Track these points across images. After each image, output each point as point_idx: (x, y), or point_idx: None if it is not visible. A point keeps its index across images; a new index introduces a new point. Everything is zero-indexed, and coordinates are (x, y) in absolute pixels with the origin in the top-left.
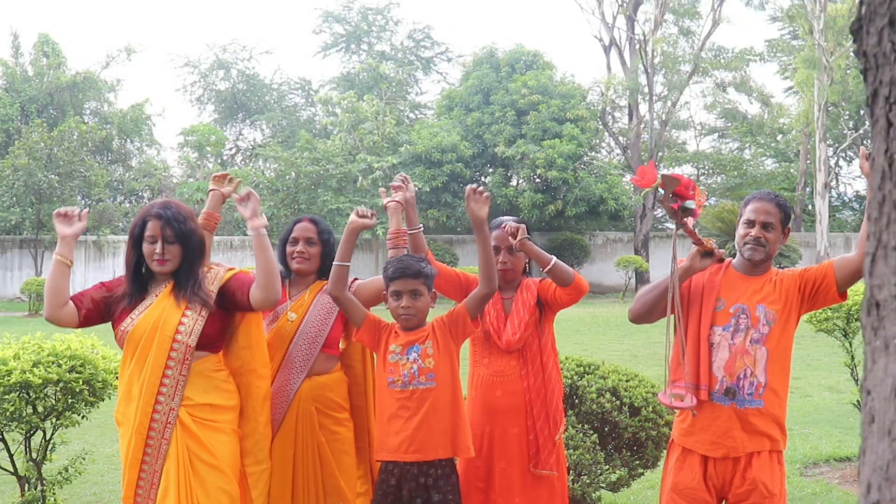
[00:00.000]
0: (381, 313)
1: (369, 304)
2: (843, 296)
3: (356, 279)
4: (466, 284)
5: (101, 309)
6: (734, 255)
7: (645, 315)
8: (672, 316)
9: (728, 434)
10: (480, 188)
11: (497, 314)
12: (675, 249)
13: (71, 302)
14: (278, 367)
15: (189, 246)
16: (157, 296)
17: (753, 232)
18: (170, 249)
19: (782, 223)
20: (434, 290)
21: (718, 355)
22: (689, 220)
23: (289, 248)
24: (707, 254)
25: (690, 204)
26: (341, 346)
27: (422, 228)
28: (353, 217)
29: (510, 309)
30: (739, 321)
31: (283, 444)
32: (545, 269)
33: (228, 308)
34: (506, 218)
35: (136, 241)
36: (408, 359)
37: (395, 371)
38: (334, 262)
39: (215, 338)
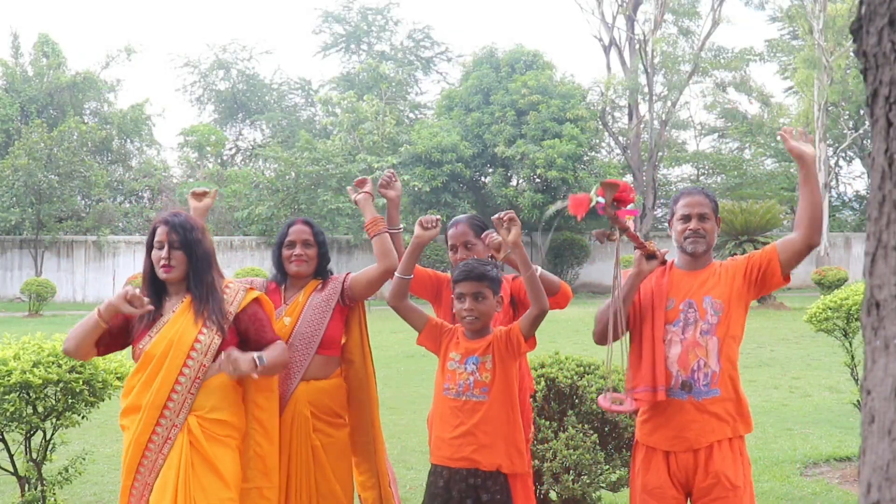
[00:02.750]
0: (388, 314)
1: (365, 295)
2: (787, 279)
3: (349, 273)
4: (438, 284)
5: (118, 338)
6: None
7: (613, 332)
8: (618, 325)
9: (688, 427)
10: (504, 214)
11: None
12: (619, 255)
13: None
14: None
15: (194, 254)
16: (174, 312)
17: (691, 225)
18: (175, 255)
19: (714, 213)
20: (500, 294)
21: (671, 351)
22: (631, 224)
23: (285, 252)
24: (650, 256)
25: (631, 206)
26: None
27: (402, 230)
28: (418, 230)
29: None
30: (688, 315)
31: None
32: (526, 274)
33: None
34: (460, 218)
35: (149, 248)
36: (465, 369)
37: (451, 378)
38: (397, 275)
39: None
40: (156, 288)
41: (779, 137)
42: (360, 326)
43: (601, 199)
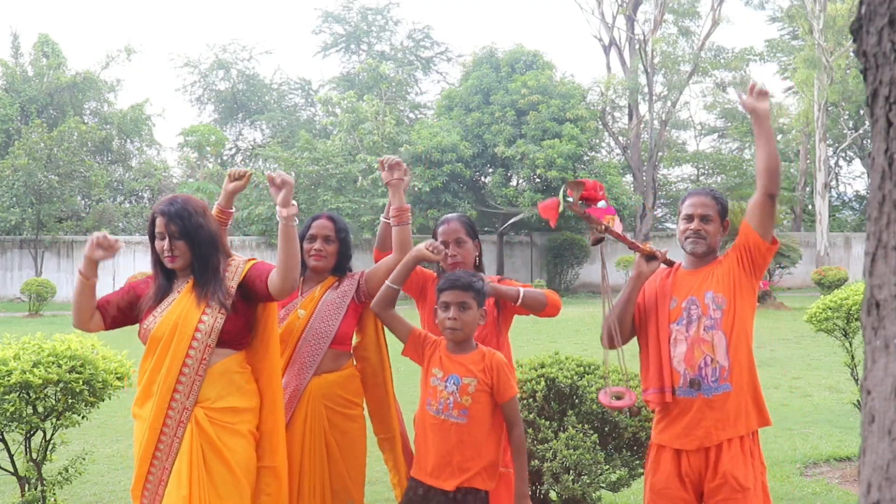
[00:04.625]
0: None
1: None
2: (775, 242)
3: (364, 271)
4: (423, 281)
5: (126, 313)
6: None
7: (619, 334)
8: (613, 326)
9: (699, 425)
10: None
11: None
12: (603, 257)
13: (98, 311)
14: (287, 363)
15: (197, 241)
16: (179, 293)
17: (693, 225)
18: (177, 245)
19: (720, 215)
20: (485, 307)
21: (677, 350)
22: (616, 225)
23: (306, 245)
24: (650, 257)
25: (602, 204)
26: (355, 339)
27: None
28: (423, 248)
29: None
30: (691, 312)
31: (290, 442)
32: (517, 304)
33: (249, 300)
34: (451, 216)
35: (152, 237)
36: (446, 388)
37: (433, 395)
38: (387, 283)
39: (238, 334)
40: (165, 271)
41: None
42: (375, 324)
43: (570, 200)
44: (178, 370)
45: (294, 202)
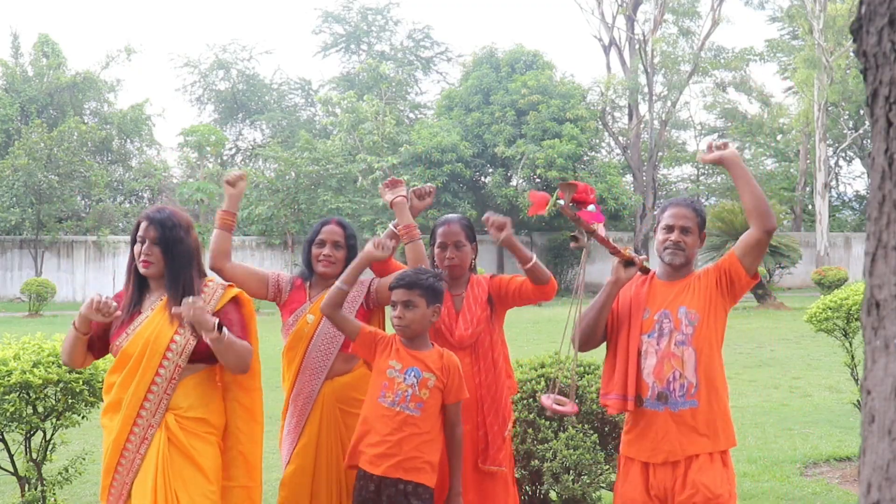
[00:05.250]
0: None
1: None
2: (756, 277)
3: (374, 278)
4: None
5: (109, 342)
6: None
7: (589, 340)
8: (572, 330)
9: (665, 438)
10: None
11: (448, 311)
12: (584, 262)
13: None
14: (298, 369)
15: (172, 252)
16: (152, 310)
17: (673, 237)
18: (153, 251)
19: (699, 227)
20: (438, 304)
21: (647, 362)
22: (600, 229)
23: (315, 251)
24: (629, 263)
25: (592, 208)
26: None
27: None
28: (369, 247)
29: (461, 306)
30: (663, 325)
31: (306, 447)
32: (526, 266)
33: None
34: (452, 217)
35: (133, 242)
36: (404, 380)
37: (389, 386)
38: (337, 283)
39: (209, 352)
40: (139, 282)
41: (699, 160)
42: (380, 327)
43: (561, 202)
44: (147, 387)
45: (214, 329)
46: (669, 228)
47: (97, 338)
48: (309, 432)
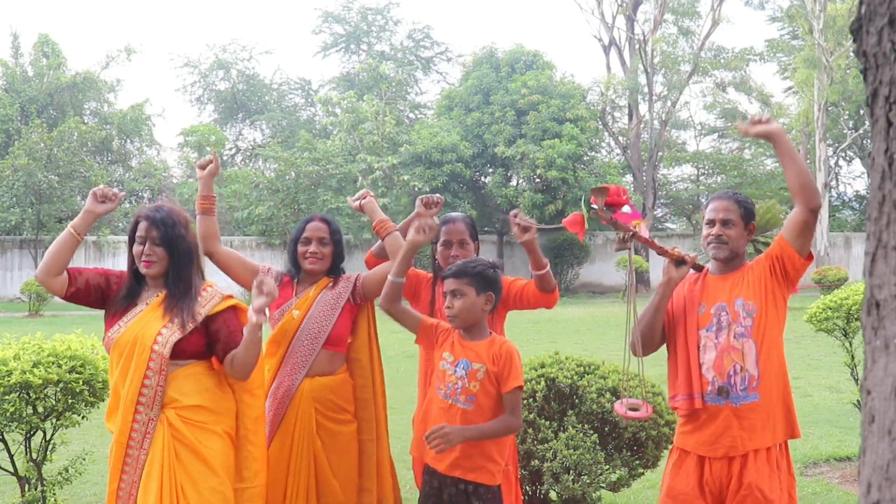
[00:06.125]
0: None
1: (377, 293)
2: (810, 257)
3: (360, 273)
4: (416, 282)
5: (91, 294)
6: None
7: (648, 343)
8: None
9: (726, 433)
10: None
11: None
12: (632, 267)
13: (66, 273)
14: (280, 363)
15: (175, 251)
16: (147, 304)
17: (714, 230)
18: (155, 251)
19: (744, 219)
20: (490, 292)
21: (706, 356)
22: (643, 229)
23: (300, 248)
24: (679, 262)
25: (626, 209)
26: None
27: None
28: (415, 235)
29: None
30: (721, 319)
31: (280, 443)
32: (539, 272)
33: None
34: (456, 216)
35: (131, 242)
36: (455, 373)
37: (442, 379)
38: (390, 278)
39: (198, 351)
40: (136, 279)
41: (741, 132)
42: (368, 326)
43: (595, 207)
44: (141, 381)
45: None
46: (711, 223)
47: (87, 282)
48: (283, 429)
